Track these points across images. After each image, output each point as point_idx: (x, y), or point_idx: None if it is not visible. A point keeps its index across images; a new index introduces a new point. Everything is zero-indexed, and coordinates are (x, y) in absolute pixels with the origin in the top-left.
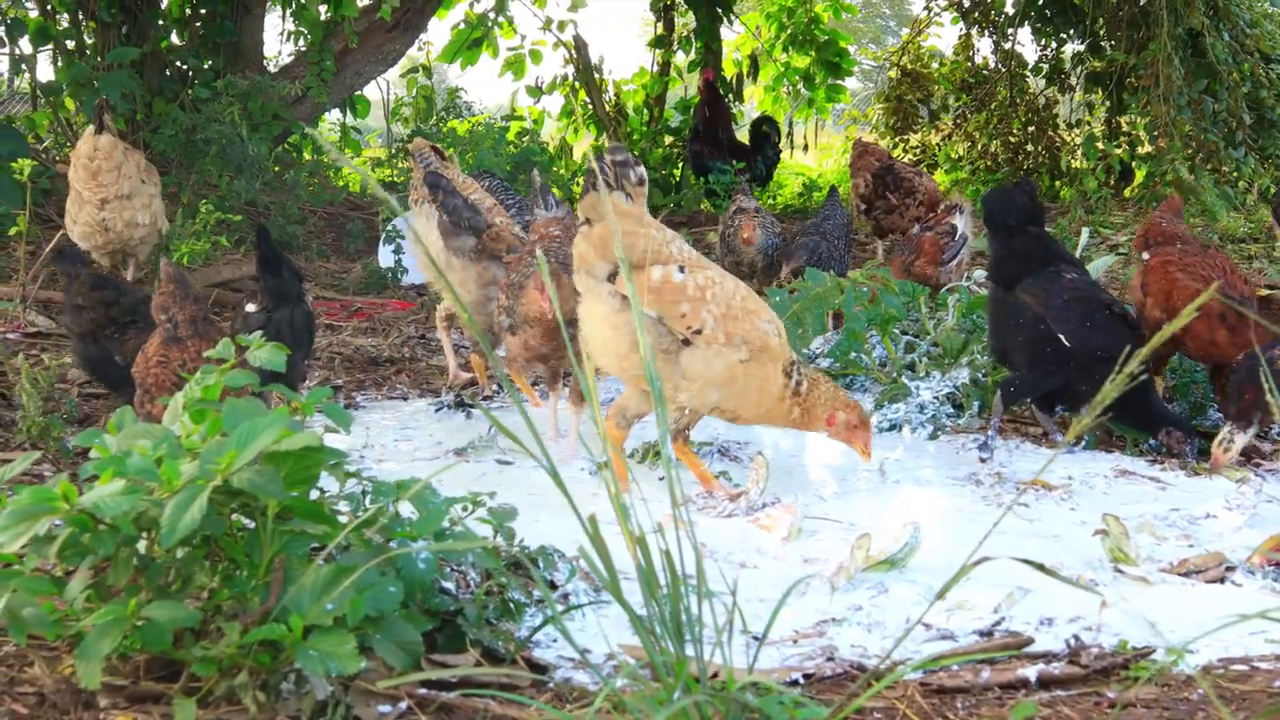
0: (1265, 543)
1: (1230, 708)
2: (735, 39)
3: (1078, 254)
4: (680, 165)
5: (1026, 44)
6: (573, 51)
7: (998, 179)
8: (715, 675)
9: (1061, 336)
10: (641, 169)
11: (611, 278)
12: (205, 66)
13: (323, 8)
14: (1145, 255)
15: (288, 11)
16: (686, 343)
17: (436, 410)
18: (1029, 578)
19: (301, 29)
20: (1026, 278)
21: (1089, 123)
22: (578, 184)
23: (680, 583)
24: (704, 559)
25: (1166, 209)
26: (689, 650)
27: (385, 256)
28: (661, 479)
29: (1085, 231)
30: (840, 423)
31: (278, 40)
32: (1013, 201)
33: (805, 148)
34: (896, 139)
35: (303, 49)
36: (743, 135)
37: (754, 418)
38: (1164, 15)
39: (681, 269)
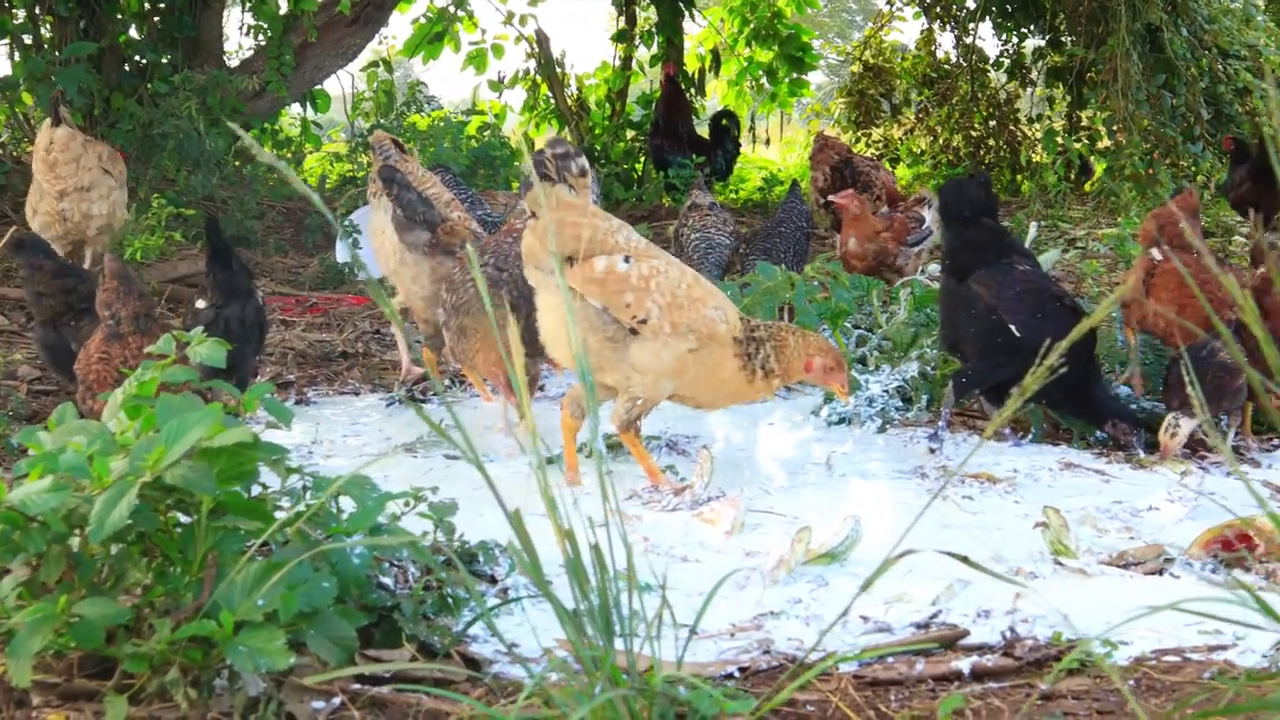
0: (1203, 535)
1: (1159, 698)
2: (699, 33)
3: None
4: (642, 159)
5: (988, 39)
6: (534, 46)
7: (958, 173)
8: (649, 670)
9: (1013, 327)
10: (583, 160)
11: (560, 271)
12: (164, 61)
13: (282, 2)
14: (1156, 254)
15: (247, 6)
16: (634, 333)
17: (388, 405)
18: (965, 570)
19: (261, 23)
20: (979, 269)
21: (1049, 117)
22: None
23: (608, 576)
24: (646, 553)
25: (1183, 206)
26: (620, 644)
27: (342, 252)
28: (609, 472)
29: (1034, 226)
30: (818, 367)
31: (237, 34)
32: (967, 193)
33: (767, 142)
34: (859, 133)
35: (262, 43)
36: (704, 130)
37: (717, 402)
38: (1122, 11)
39: (627, 259)
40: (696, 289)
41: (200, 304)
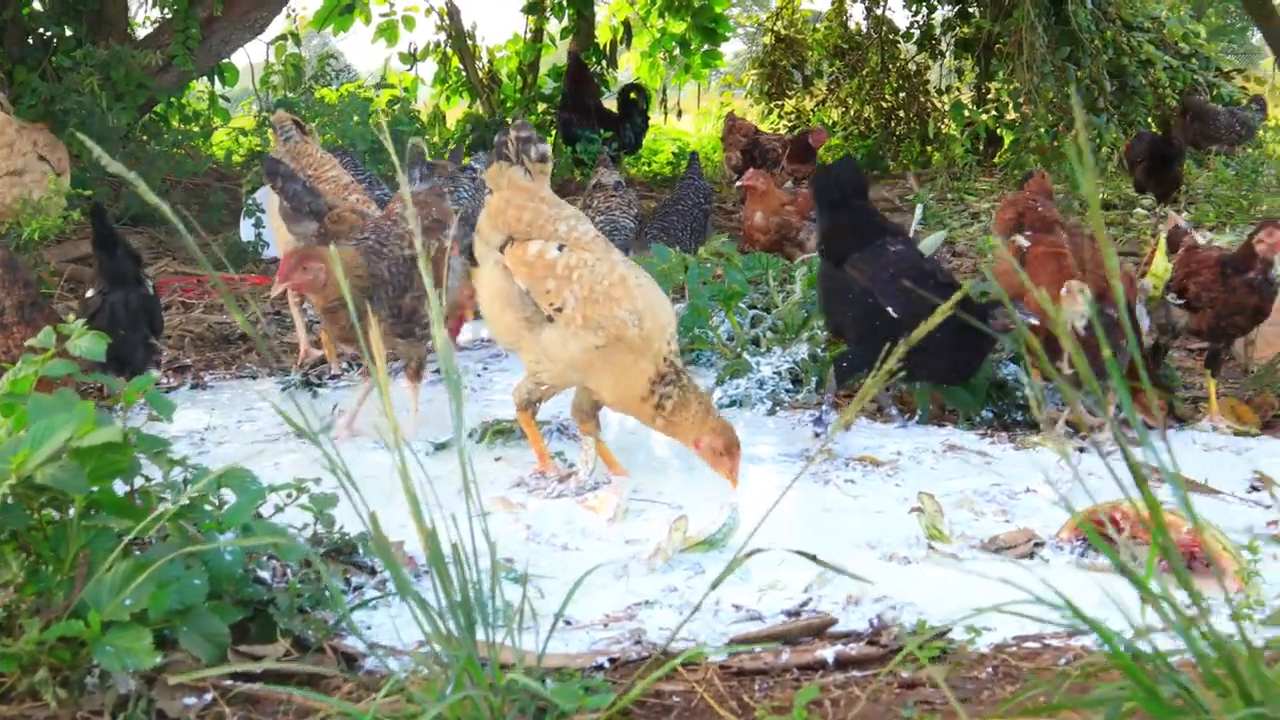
0: (1072, 518)
1: (1014, 685)
2: (612, 4)
3: (912, 231)
4: (554, 133)
5: (897, 10)
6: (445, 18)
7: (869, 145)
8: (528, 665)
9: (889, 309)
10: (545, 147)
11: (502, 248)
12: (67, 34)
13: None
14: (1023, 241)
15: None
16: (551, 320)
17: (284, 389)
18: (842, 556)
19: None
20: (854, 252)
21: (958, 89)
22: (446, 153)
23: (468, 572)
24: (528, 541)
25: (1036, 189)
26: (488, 637)
27: (246, 230)
28: (498, 459)
29: (919, 209)
30: (705, 447)
31: (142, 7)
32: (837, 177)
33: (679, 114)
34: (771, 104)
35: (168, 16)
36: (612, 103)
37: (618, 406)
38: None
39: (561, 247)
40: (619, 289)
41: (90, 292)
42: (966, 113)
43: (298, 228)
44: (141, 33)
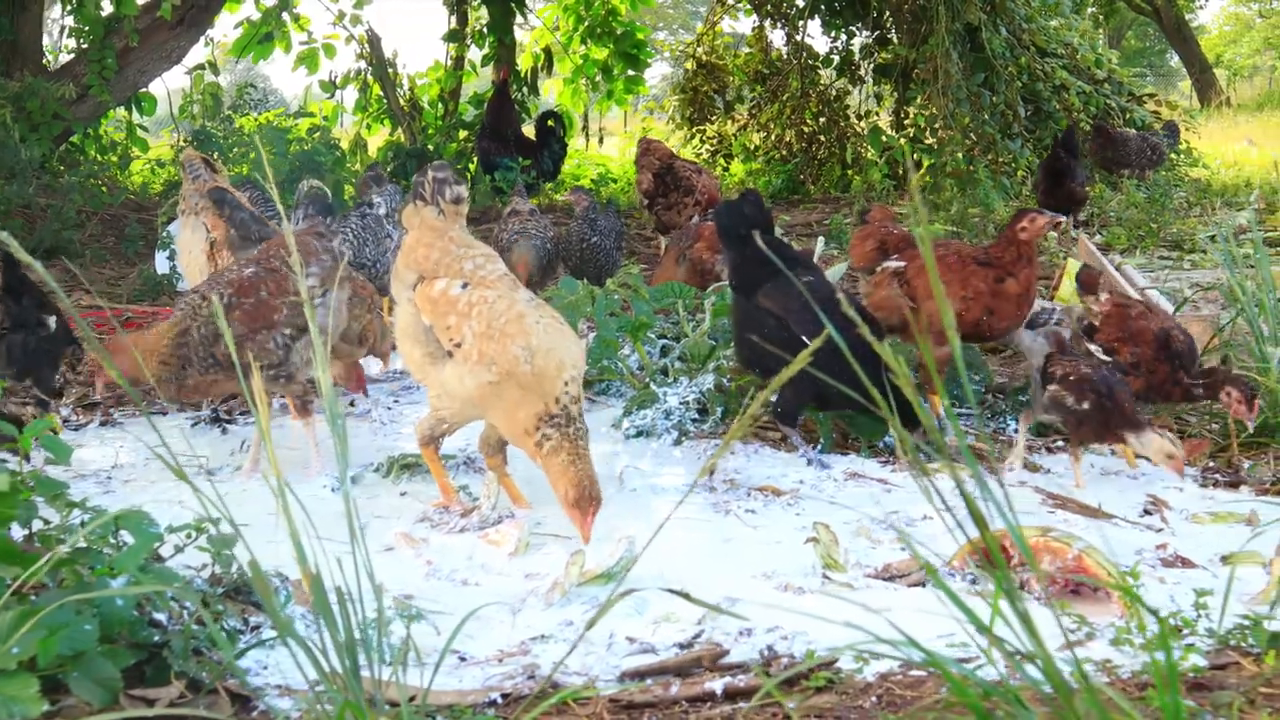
0: (964, 545)
1: (898, 713)
2: (534, 31)
3: (815, 259)
4: (475, 160)
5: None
6: (366, 46)
7: (789, 169)
8: (412, 699)
9: (805, 339)
10: (461, 189)
11: (415, 287)
12: None
13: (105, 4)
14: (892, 264)
15: (67, 9)
16: (451, 356)
17: (193, 425)
18: (737, 587)
19: (81, 26)
20: (764, 284)
21: (876, 114)
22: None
23: (352, 613)
24: (428, 577)
25: (883, 217)
26: (375, 675)
27: (161, 263)
28: (404, 494)
29: (820, 240)
30: (562, 498)
31: (57, 38)
32: (741, 212)
33: (600, 140)
34: (693, 129)
35: (84, 47)
36: (531, 130)
37: (510, 440)
38: (942, 11)
39: (465, 284)
40: (514, 325)
41: None
42: (884, 138)
43: (246, 255)
44: (60, 61)
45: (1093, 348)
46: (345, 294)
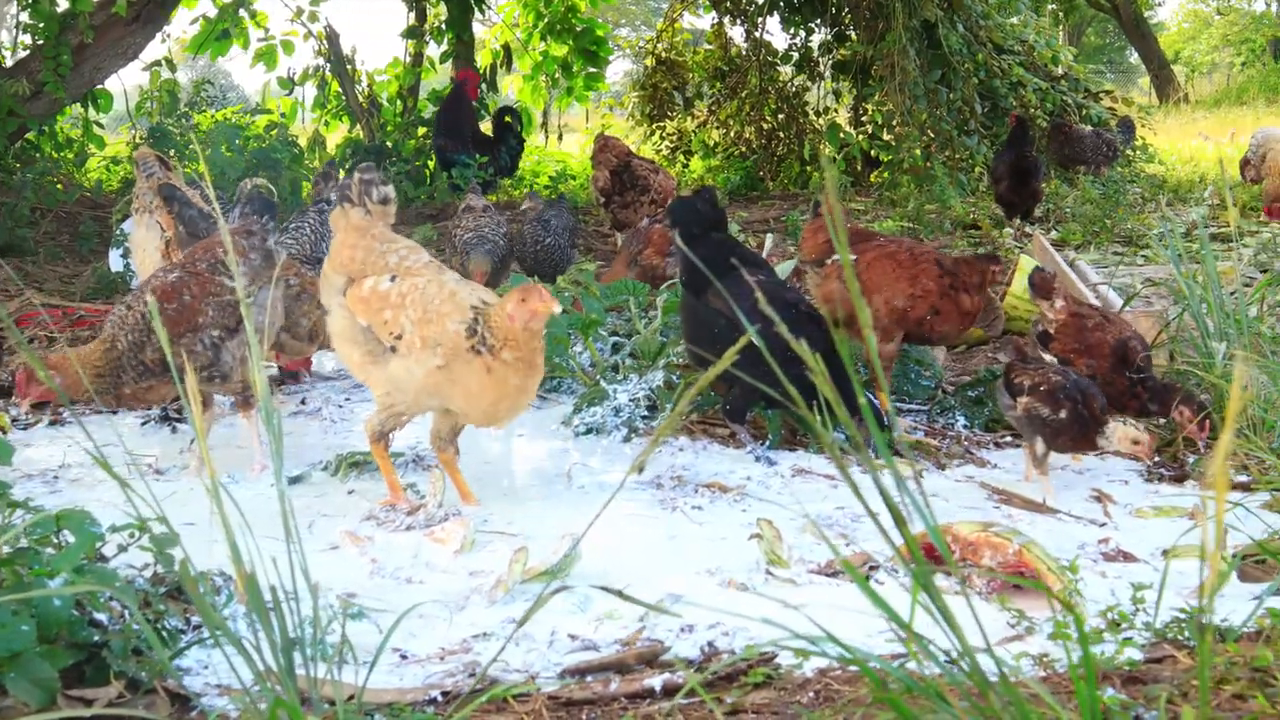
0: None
1: (833, 708)
2: (494, 27)
3: (765, 255)
4: (433, 157)
5: (777, 33)
6: (324, 42)
7: (748, 165)
8: (350, 698)
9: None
10: (388, 189)
11: (344, 291)
12: None
13: (61, 0)
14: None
15: (21, 5)
16: (395, 350)
17: (143, 424)
18: (681, 584)
19: (36, 23)
20: (716, 282)
21: (835, 110)
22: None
23: (287, 613)
24: (372, 575)
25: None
26: (311, 673)
27: (115, 261)
28: (351, 492)
29: (770, 237)
30: (512, 312)
31: (12, 34)
32: (695, 209)
33: (560, 136)
34: (652, 126)
35: (39, 43)
36: (489, 126)
37: (488, 416)
38: (899, 8)
39: (393, 278)
40: (448, 304)
41: None
42: (842, 134)
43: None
44: (15, 58)
45: (1047, 357)
46: (280, 292)
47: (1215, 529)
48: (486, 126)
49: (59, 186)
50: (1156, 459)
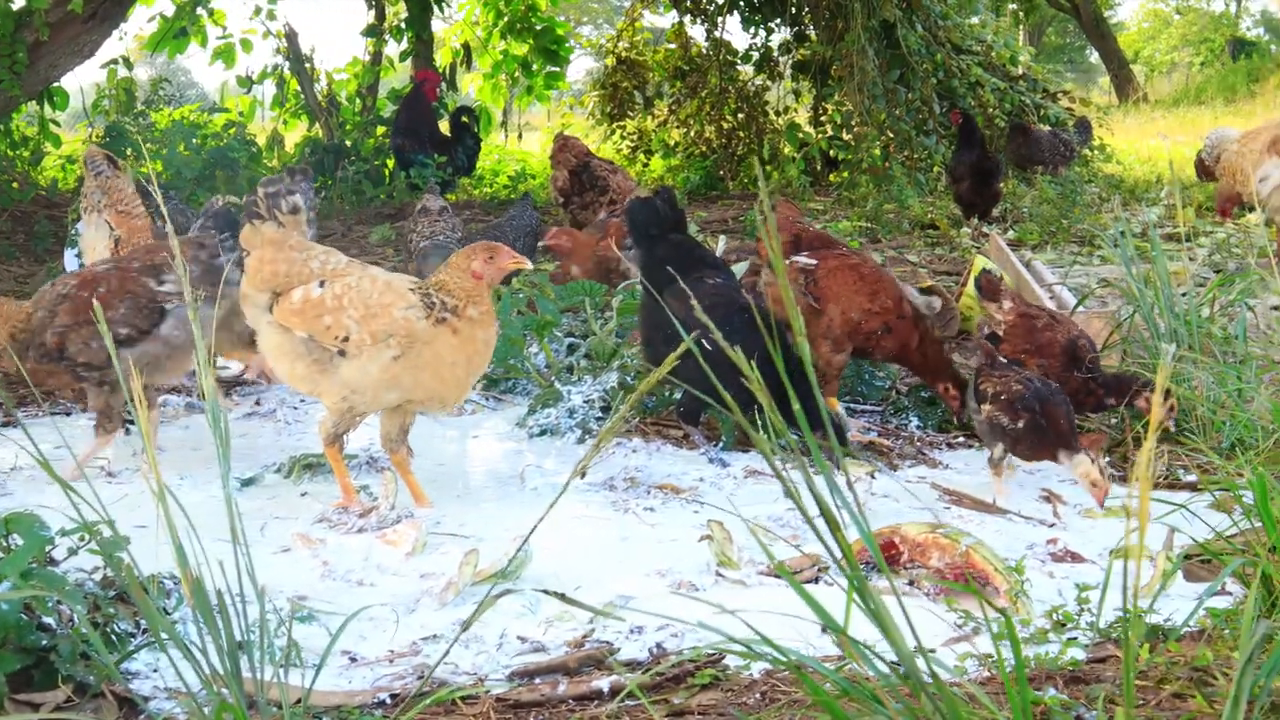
0: (856, 541)
1: (778, 708)
2: (453, 26)
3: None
4: (392, 156)
5: (737, 32)
6: (283, 41)
7: (708, 165)
8: (298, 701)
9: (703, 342)
10: (296, 198)
11: (270, 308)
12: None
13: None
14: (807, 260)
15: None
16: (343, 354)
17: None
18: (632, 585)
19: None
20: (673, 284)
21: (794, 110)
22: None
23: (231, 616)
24: (324, 578)
25: (791, 214)
26: (257, 676)
27: (70, 261)
28: (304, 495)
29: (723, 239)
30: (479, 270)
31: None
32: (655, 210)
33: (520, 135)
34: (613, 125)
35: None
36: (446, 125)
37: (455, 390)
38: (858, 8)
39: (321, 283)
40: (388, 294)
41: None
42: (801, 134)
43: None
44: None
45: (1000, 358)
46: (224, 313)
47: (1139, 527)
48: (445, 126)
49: (14, 185)
50: (1106, 459)
